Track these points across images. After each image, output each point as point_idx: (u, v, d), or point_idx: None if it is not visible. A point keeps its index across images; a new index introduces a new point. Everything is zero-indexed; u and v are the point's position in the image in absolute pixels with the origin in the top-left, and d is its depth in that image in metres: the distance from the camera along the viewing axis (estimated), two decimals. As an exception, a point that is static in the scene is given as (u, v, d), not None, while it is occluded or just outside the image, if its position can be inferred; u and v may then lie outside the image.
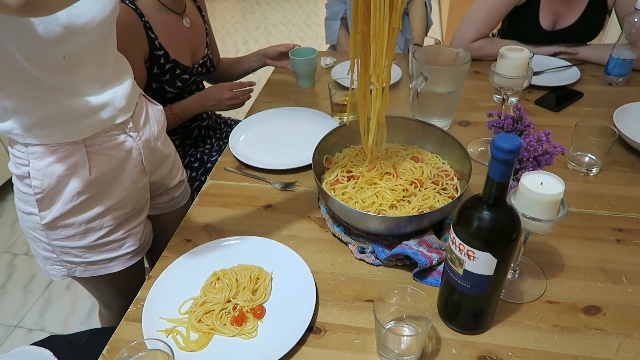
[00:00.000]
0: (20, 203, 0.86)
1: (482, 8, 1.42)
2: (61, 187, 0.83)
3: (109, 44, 0.86)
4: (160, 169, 1.06)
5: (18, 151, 0.81)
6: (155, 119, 1.00)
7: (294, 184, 1.00)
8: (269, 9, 4.65)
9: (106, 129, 0.86)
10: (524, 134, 0.89)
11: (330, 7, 1.78)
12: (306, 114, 1.22)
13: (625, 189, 0.97)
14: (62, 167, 0.81)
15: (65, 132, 0.80)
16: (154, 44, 1.19)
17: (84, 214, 0.87)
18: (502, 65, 0.94)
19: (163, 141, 1.04)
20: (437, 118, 1.14)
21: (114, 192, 0.90)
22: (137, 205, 0.97)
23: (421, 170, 0.86)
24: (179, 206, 1.19)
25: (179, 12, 1.25)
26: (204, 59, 1.36)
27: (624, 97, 1.29)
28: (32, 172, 0.80)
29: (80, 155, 0.83)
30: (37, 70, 0.72)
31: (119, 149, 0.89)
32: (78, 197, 0.85)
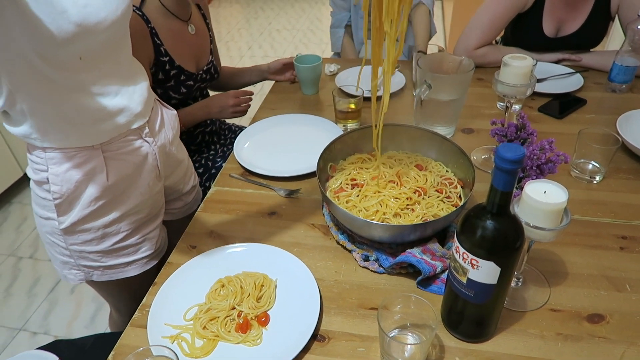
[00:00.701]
0: (39, 208, 0.87)
1: (485, 15, 1.43)
2: (79, 193, 0.84)
3: (123, 46, 0.87)
4: (174, 174, 1.07)
5: (37, 157, 0.82)
6: (170, 124, 1.02)
7: (298, 191, 1.00)
8: (273, 14, 4.67)
9: (123, 134, 0.87)
10: (527, 142, 0.90)
11: (335, 15, 1.79)
12: (310, 120, 1.23)
13: (629, 196, 0.97)
14: (80, 173, 0.83)
15: (82, 136, 0.81)
16: (159, 50, 1.20)
17: (102, 218, 0.88)
18: (506, 74, 0.94)
19: (177, 146, 1.06)
20: (441, 125, 1.15)
21: (131, 197, 0.91)
22: (152, 210, 0.98)
23: (425, 178, 0.87)
24: (191, 211, 1.20)
25: (184, 19, 1.27)
26: (208, 66, 1.37)
27: (628, 103, 1.29)
28: (50, 178, 0.82)
29: (97, 160, 0.84)
30: (52, 70, 0.73)
31: (135, 154, 0.90)
32: (96, 202, 0.86)
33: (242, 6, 4.94)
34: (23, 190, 2.39)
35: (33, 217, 0.91)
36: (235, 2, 5.05)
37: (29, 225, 2.18)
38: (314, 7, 4.82)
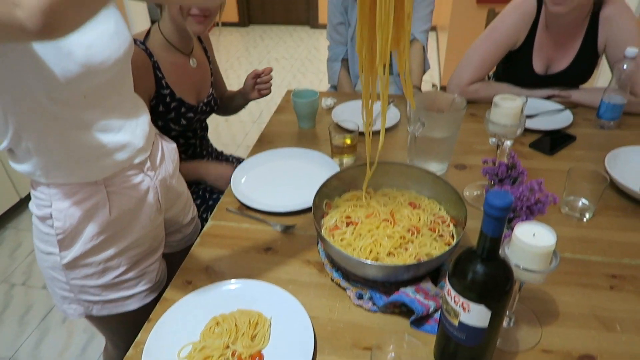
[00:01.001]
0: (40, 243, 0.88)
1: (478, 53, 1.48)
2: (82, 228, 0.85)
3: (125, 83, 0.90)
4: (174, 207, 1.09)
5: (41, 193, 0.84)
6: (170, 157, 1.04)
7: (294, 227, 1.02)
8: (272, 43, 4.77)
9: (125, 169, 0.89)
10: (517, 181, 0.92)
11: (332, 49, 1.84)
12: (307, 155, 1.26)
13: (618, 234, 0.99)
14: (84, 208, 0.84)
15: (85, 172, 0.83)
16: (160, 83, 1.23)
17: (103, 253, 0.89)
18: (496, 114, 0.97)
19: (177, 179, 1.08)
20: (435, 161, 1.18)
21: (132, 231, 0.92)
22: (153, 244, 0.99)
23: (418, 217, 0.88)
24: (190, 243, 1.21)
25: (186, 52, 1.31)
26: (208, 98, 1.40)
27: (616, 140, 1.32)
28: (54, 213, 0.83)
29: (100, 195, 0.86)
30: (58, 108, 0.75)
31: (137, 189, 0.92)
32: (98, 237, 0.87)
33: (242, 35, 5.05)
34: (19, 215, 2.39)
35: (27, 243, 0.92)
36: (236, 31, 5.16)
37: (23, 251, 2.17)
38: (312, 37, 4.93)
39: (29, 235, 2.22)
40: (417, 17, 1.68)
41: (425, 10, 1.69)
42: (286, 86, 3.81)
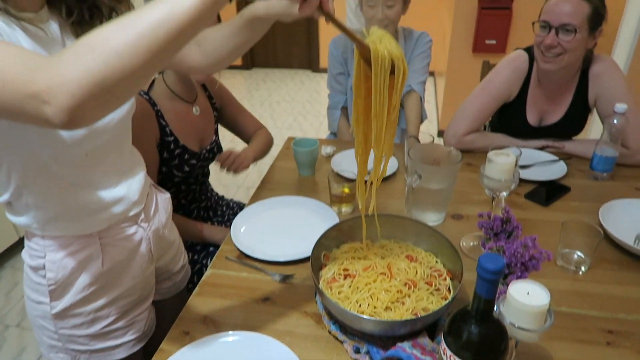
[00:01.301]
0: (31, 292, 0.89)
1: (473, 105, 1.53)
2: (74, 279, 0.86)
3: (126, 139, 0.93)
4: (165, 255, 1.10)
5: (35, 244, 0.85)
6: (163, 208, 1.06)
7: (293, 276, 1.03)
8: (274, 86, 4.90)
9: (119, 221, 0.91)
10: (512, 235, 0.94)
11: (332, 97, 1.90)
12: (306, 204, 1.28)
13: (614, 287, 0.99)
14: (77, 260, 0.86)
15: (81, 226, 0.85)
16: (164, 131, 1.27)
17: (93, 303, 0.90)
18: (490, 169, 1.00)
19: (169, 228, 1.09)
20: (432, 212, 1.20)
21: (123, 282, 0.93)
22: (143, 293, 1.00)
23: (415, 270, 0.90)
24: (179, 290, 1.21)
25: (189, 100, 1.35)
26: (211, 145, 1.44)
27: (610, 191, 1.35)
28: (47, 264, 0.84)
29: (94, 247, 0.87)
30: (60, 167, 0.78)
31: (130, 240, 0.93)
32: (89, 288, 0.88)
33: (244, 77, 5.19)
34: (17, 254, 2.39)
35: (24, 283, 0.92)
36: (239, 73, 5.31)
37: (20, 291, 2.16)
38: (312, 80, 5.07)
39: (26, 276, 2.21)
40: (414, 69, 1.75)
41: (422, 62, 1.76)
42: (287, 128, 3.89)
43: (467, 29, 3.17)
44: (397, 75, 0.76)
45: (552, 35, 1.33)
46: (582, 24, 1.31)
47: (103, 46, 0.51)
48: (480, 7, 3.06)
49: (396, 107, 0.80)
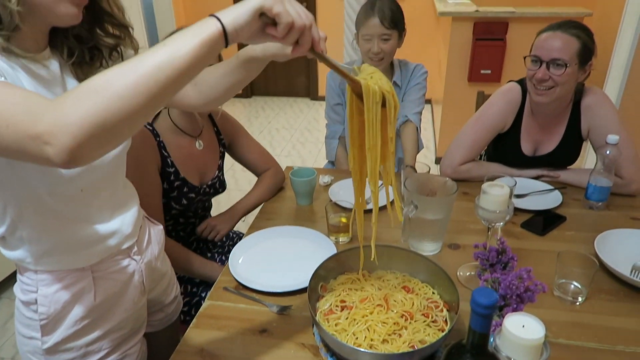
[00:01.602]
0: (22, 327, 0.88)
1: (468, 136, 1.56)
2: (66, 313, 0.86)
3: (120, 174, 0.95)
4: (157, 287, 1.10)
5: (28, 278, 0.85)
6: (156, 240, 1.07)
7: (290, 308, 1.03)
8: (273, 114, 4.96)
9: (112, 254, 0.91)
10: (508, 267, 0.95)
11: (330, 127, 1.94)
12: (304, 234, 1.28)
13: (612, 319, 0.99)
14: (69, 294, 0.85)
15: (74, 259, 0.86)
16: (166, 161, 1.29)
17: (85, 337, 0.89)
18: (485, 201, 1.02)
19: (162, 260, 1.10)
20: (429, 241, 1.20)
21: (115, 315, 0.93)
22: (135, 325, 0.99)
23: (411, 302, 0.90)
24: (171, 322, 1.21)
25: (194, 135, 1.37)
26: (213, 180, 1.45)
27: (606, 221, 1.36)
28: (39, 299, 0.84)
29: (86, 281, 0.87)
30: (56, 202, 0.79)
31: (122, 273, 0.94)
32: (81, 322, 0.87)
33: (244, 105, 5.26)
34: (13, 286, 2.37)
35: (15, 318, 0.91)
36: (238, 101, 5.39)
37: (15, 322, 2.14)
38: (311, 108, 5.14)
39: (22, 305, 2.19)
40: (410, 100, 1.79)
41: (418, 93, 1.80)
42: (286, 155, 3.92)
43: (462, 59, 3.24)
44: (389, 108, 0.78)
45: (543, 69, 1.37)
46: (572, 58, 1.35)
47: (105, 89, 0.54)
48: (474, 39, 3.14)
49: (392, 139, 0.82)
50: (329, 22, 4.90)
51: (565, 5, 4.08)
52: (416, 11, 4.60)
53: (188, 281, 1.40)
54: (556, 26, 1.38)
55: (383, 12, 1.65)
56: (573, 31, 1.36)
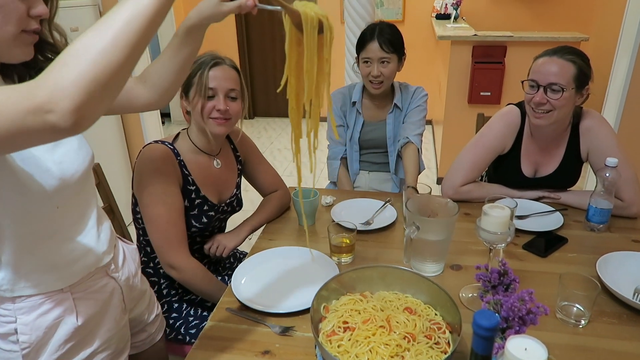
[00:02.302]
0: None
1: (468, 158, 1.57)
2: (48, 338, 0.86)
3: (91, 192, 0.97)
4: (138, 305, 1.12)
5: (4, 309, 0.84)
6: (131, 258, 1.09)
7: (293, 328, 1.03)
8: (275, 134, 5.01)
9: (91, 273, 0.92)
10: (510, 288, 0.95)
11: (332, 148, 1.96)
12: (306, 254, 1.29)
13: (615, 342, 0.99)
14: (51, 318, 0.85)
15: (54, 280, 0.86)
16: (187, 179, 1.31)
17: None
18: (486, 222, 1.03)
19: (140, 278, 1.12)
20: (430, 263, 1.21)
21: (98, 335, 0.93)
22: (119, 345, 1.00)
23: (414, 323, 0.90)
24: (155, 341, 1.22)
25: (213, 154, 1.40)
26: (231, 199, 1.46)
27: (607, 243, 1.36)
28: (19, 328, 0.83)
29: (67, 303, 0.88)
30: (33, 221, 0.80)
31: (102, 292, 0.95)
32: (64, 345, 0.87)
33: (246, 126, 5.30)
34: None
35: None
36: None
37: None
38: (313, 128, 5.19)
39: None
40: (411, 122, 1.81)
41: (418, 115, 1.82)
42: (288, 175, 3.94)
43: (462, 81, 3.29)
44: (326, 31, 0.85)
45: (540, 93, 1.40)
46: (569, 83, 1.38)
47: (88, 50, 0.58)
48: (473, 62, 3.19)
49: (328, 60, 0.88)
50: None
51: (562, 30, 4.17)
52: (416, 35, 4.70)
53: (199, 304, 1.40)
54: (552, 52, 1.42)
55: (382, 36, 1.69)
56: (569, 56, 1.39)
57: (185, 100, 1.32)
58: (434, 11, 4.57)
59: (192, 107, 1.30)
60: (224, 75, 1.28)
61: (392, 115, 1.86)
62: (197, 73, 1.26)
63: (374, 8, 2.51)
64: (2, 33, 0.70)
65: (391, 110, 1.86)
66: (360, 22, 2.43)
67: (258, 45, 5.22)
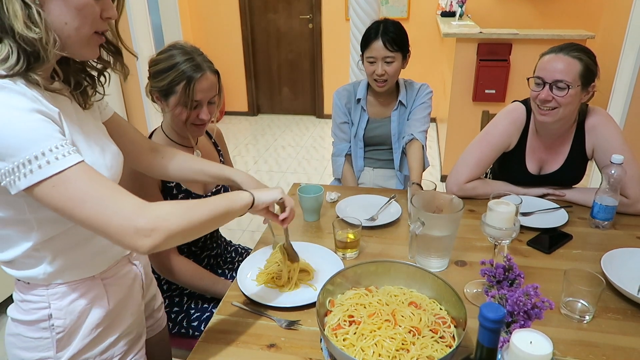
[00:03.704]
0: (25, 352, 0.87)
1: (473, 154, 1.58)
2: (81, 322, 0.89)
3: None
4: (149, 292, 1.15)
5: (35, 296, 0.85)
6: None
7: (298, 322, 1.03)
8: (279, 132, 5.01)
9: (117, 261, 0.96)
10: (515, 283, 0.95)
11: (336, 145, 1.96)
12: (311, 249, 1.30)
13: (620, 338, 0.99)
14: (84, 302, 0.88)
15: (87, 268, 0.89)
16: None
17: (99, 346, 0.92)
18: (491, 218, 1.03)
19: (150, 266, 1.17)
20: (435, 258, 1.21)
21: (124, 319, 0.97)
22: (139, 330, 1.04)
23: (419, 317, 0.91)
24: (161, 328, 1.24)
25: (190, 146, 1.40)
26: (217, 188, 1.47)
27: (612, 240, 1.36)
28: (54, 313, 0.85)
29: (98, 289, 0.91)
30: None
31: (127, 278, 0.99)
32: (96, 330, 0.90)
33: (250, 123, 5.32)
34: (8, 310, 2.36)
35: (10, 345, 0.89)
36: (244, 119, 5.45)
37: None
38: (317, 125, 5.19)
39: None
40: (416, 119, 1.82)
41: (423, 112, 1.82)
42: (292, 172, 3.95)
43: (466, 79, 3.29)
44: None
45: (546, 90, 1.40)
46: (575, 80, 1.37)
47: (191, 214, 0.81)
48: (478, 59, 3.18)
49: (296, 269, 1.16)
50: (335, 43, 4.99)
51: (568, 27, 4.15)
52: (421, 32, 4.69)
53: (199, 297, 1.41)
54: (558, 49, 1.41)
55: (387, 35, 1.69)
56: (575, 54, 1.39)
57: (163, 103, 1.29)
58: (439, 9, 4.57)
59: (172, 113, 1.28)
60: (208, 86, 1.27)
61: (397, 112, 1.86)
62: (181, 84, 1.22)
63: (379, 5, 2.51)
64: (80, 33, 0.75)
65: (396, 107, 1.86)
66: (366, 19, 2.43)
67: (262, 43, 5.22)
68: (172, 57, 1.24)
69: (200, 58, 1.26)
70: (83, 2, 0.73)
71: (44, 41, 0.70)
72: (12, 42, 0.70)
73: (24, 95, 0.70)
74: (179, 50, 1.25)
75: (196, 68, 1.23)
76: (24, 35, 0.68)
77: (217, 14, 5.10)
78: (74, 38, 0.75)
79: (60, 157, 0.70)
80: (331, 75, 5.20)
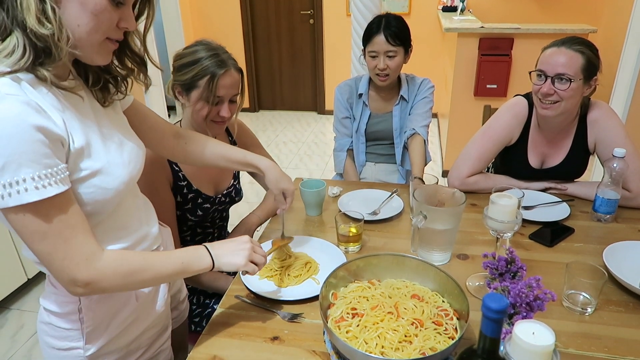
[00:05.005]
0: (56, 341, 0.89)
1: (475, 148, 1.58)
2: (109, 317, 0.90)
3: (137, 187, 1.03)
4: (174, 285, 1.17)
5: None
6: (169, 241, 1.14)
7: (301, 315, 1.04)
8: (281, 127, 5.01)
9: None
10: (517, 276, 0.96)
11: (338, 140, 1.97)
12: (314, 243, 1.30)
13: (621, 330, 1.00)
14: (112, 298, 0.89)
15: None
16: (177, 176, 1.31)
17: (127, 337, 0.93)
18: (493, 211, 1.03)
19: None
20: (437, 251, 1.22)
21: (152, 311, 0.99)
22: (165, 321, 1.06)
23: (422, 310, 0.91)
24: (183, 320, 1.26)
25: None
26: (229, 190, 1.47)
27: (614, 233, 1.36)
28: (84, 308, 0.86)
29: None
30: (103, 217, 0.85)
31: None
32: (124, 323, 0.92)
33: (251, 119, 5.32)
34: (24, 296, 2.38)
35: (30, 325, 0.93)
36: (246, 115, 5.45)
37: (25, 333, 2.15)
38: (318, 122, 5.19)
39: (33, 317, 2.20)
40: (418, 114, 1.82)
41: (425, 107, 1.82)
42: (293, 168, 3.95)
43: (468, 74, 3.28)
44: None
45: (548, 84, 1.40)
46: (577, 74, 1.37)
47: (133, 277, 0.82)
48: (480, 54, 3.18)
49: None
50: (336, 39, 4.98)
51: (569, 22, 4.14)
52: (422, 27, 4.67)
53: (201, 292, 1.42)
54: (561, 42, 1.41)
55: (389, 29, 1.68)
56: (577, 47, 1.38)
57: (185, 97, 1.29)
58: (440, 3, 4.55)
59: (193, 108, 1.28)
60: (231, 83, 1.27)
61: (399, 107, 1.86)
62: (204, 78, 1.23)
63: (380, 0, 2.51)
64: (91, 37, 0.75)
65: (397, 102, 1.86)
66: (367, 14, 2.43)
67: (263, 38, 5.21)
68: (197, 52, 1.24)
69: (226, 55, 1.27)
70: (100, 8, 0.72)
71: (56, 37, 0.69)
72: (21, 36, 0.69)
73: (28, 104, 0.68)
74: (204, 46, 1.26)
75: (220, 64, 1.23)
76: (34, 30, 0.67)
77: (218, 10, 5.09)
78: (84, 41, 0.74)
79: (40, 187, 0.69)
80: (332, 71, 5.19)
